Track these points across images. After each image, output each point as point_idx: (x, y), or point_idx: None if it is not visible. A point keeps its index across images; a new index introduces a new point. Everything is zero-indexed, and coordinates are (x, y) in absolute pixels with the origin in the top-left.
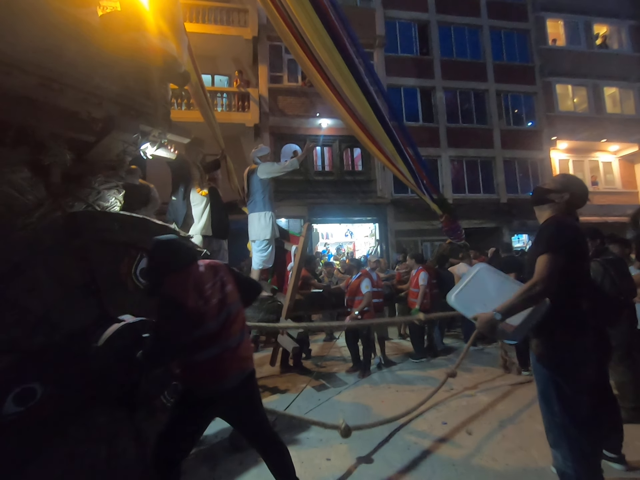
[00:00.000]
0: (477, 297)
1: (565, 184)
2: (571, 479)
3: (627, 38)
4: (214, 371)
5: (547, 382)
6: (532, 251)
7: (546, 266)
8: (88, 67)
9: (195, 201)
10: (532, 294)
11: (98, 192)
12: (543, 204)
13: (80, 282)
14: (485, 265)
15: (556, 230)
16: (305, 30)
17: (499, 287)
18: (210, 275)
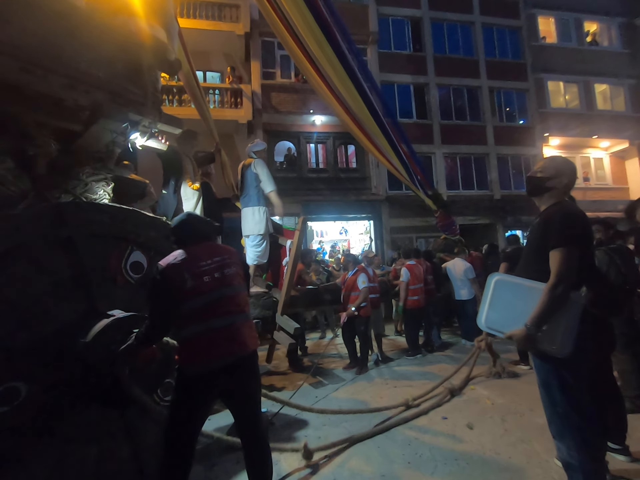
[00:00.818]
0: (506, 313)
1: (558, 168)
2: (576, 470)
3: (617, 35)
4: (204, 349)
5: (548, 372)
6: (537, 243)
7: (564, 262)
8: (74, 51)
9: (186, 195)
10: (556, 295)
11: (86, 184)
12: (543, 194)
13: (67, 275)
14: (500, 275)
15: (567, 221)
16: (298, 26)
17: (523, 295)
18: (211, 254)
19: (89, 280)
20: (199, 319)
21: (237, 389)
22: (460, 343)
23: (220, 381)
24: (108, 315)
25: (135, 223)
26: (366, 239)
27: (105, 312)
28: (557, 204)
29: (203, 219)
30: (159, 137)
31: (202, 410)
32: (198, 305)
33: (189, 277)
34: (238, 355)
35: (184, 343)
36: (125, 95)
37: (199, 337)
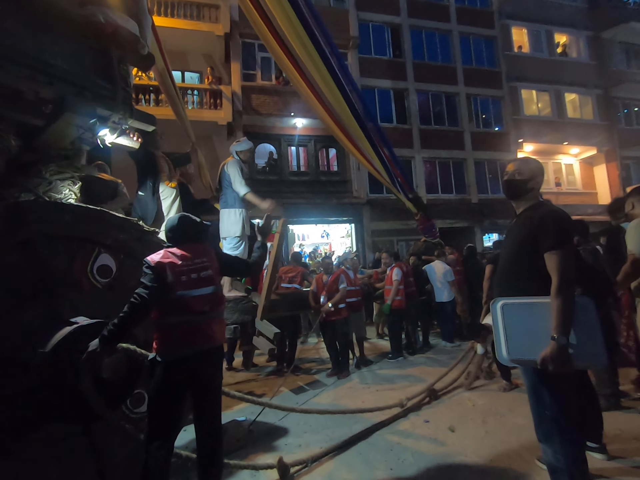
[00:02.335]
0: (527, 338)
1: (533, 169)
2: (563, 473)
3: (584, 48)
4: (181, 336)
5: (536, 375)
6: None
7: (565, 262)
8: (35, 41)
9: (164, 194)
10: (566, 296)
11: (50, 183)
12: (523, 196)
13: (25, 279)
14: (503, 300)
15: (560, 221)
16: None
17: (536, 313)
18: (192, 257)
19: (50, 284)
20: (175, 310)
21: (204, 376)
22: (441, 345)
23: (193, 367)
24: (71, 322)
25: (102, 224)
26: (347, 242)
27: (68, 319)
28: (541, 205)
29: (194, 220)
30: (131, 134)
31: (181, 394)
32: (174, 300)
33: (170, 274)
34: (211, 345)
35: (160, 332)
36: (92, 89)
37: (177, 326)
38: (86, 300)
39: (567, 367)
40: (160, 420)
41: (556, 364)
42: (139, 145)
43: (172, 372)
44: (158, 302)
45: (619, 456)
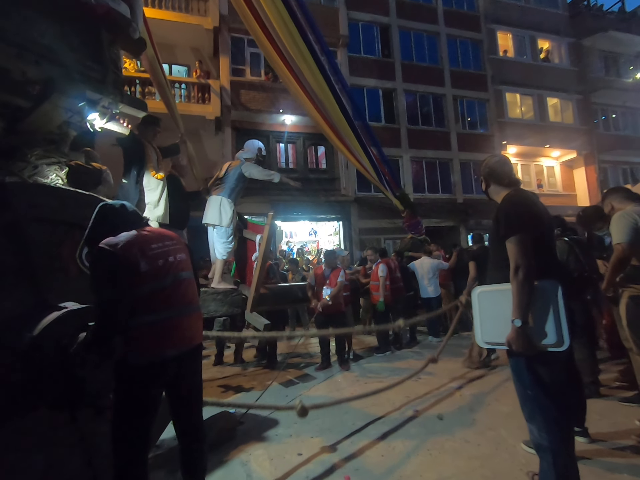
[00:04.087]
0: (496, 323)
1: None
2: (546, 450)
3: (565, 54)
4: (157, 337)
5: (516, 357)
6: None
7: (516, 250)
8: (22, 19)
9: (149, 185)
10: (519, 281)
11: (35, 167)
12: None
13: (10, 264)
14: (481, 288)
15: (509, 212)
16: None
17: (503, 299)
18: (160, 237)
19: (36, 269)
20: (154, 305)
21: (184, 379)
22: (427, 340)
23: (170, 371)
24: (59, 307)
25: (91, 209)
26: (335, 240)
27: (56, 304)
28: (505, 196)
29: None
30: (121, 120)
31: (155, 403)
32: (153, 290)
33: (143, 261)
34: (190, 345)
35: (136, 331)
36: (82, 70)
37: (153, 325)
38: (74, 286)
39: (528, 349)
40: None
41: (517, 346)
42: (128, 131)
43: (148, 378)
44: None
45: (600, 439)
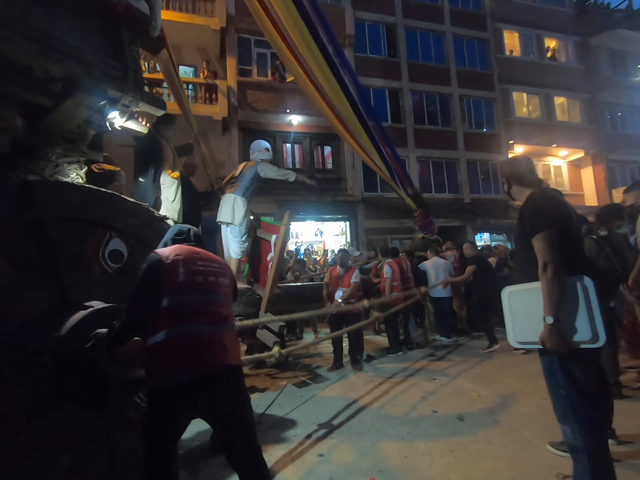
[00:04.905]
0: (528, 322)
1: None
2: (582, 452)
3: (573, 52)
4: (184, 353)
5: (549, 356)
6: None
7: (543, 247)
8: (46, 15)
9: (165, 183)
10: (548, 277)
11: (56, 166)
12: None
13: (36, 262)
14: (510, 287)
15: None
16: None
17: (534, 297)
18: (208, 259)
19: (61, 268)
20: (179, 320)
21: (224, 405)
22: (437, 340)
23: (200, 393)
24: (85, 306)
25: (114, 208)
26: (342, 240)
27: (81, 303)
28: (529, 195)
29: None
30: (139, 118)
31: (179, 428)
32: (184, 302)
33: (183, 271)
34: (219, 365)
35: (159, 346)
36: (103, 68)
37: (176, 343)
38: (97, 286)
39: (562, 346)
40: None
41: (550, 344)
42: (147, 130)
43: (175, 402)
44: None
45: (627, 441)
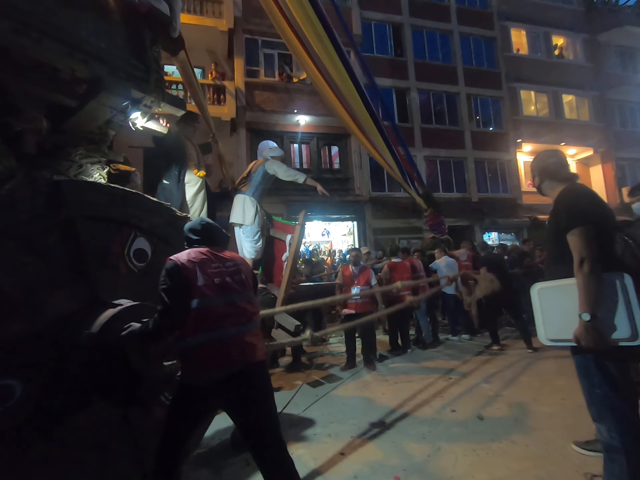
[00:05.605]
0: (561, 319)
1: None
2: (618, 451)
3: (581, 50)
4: (210, 357)
5: (585, 354)
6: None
7: (579, 242)
8: (73, 18)
9: (190, 182)
10: (585, 273)
11: (80, 166)
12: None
13: (65, 261)
14: (540, 284)
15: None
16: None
17: (568, 294)
18: (223, 259)
19: (90, 266)
20: (204, 324)
21: (246, 401)
22: (450, 338)
23: (226, 391)
24: (114, 304)
25: (138, 207)
26: (349, 240)
27: (109, 301)
28: (561, 190)
29: (217, 227)
30: (160, 119)
31: (197, 422)
32: (204, 307)
33: (201, 275)
34: (245, 363)
35: (187, 352)
36: (127, 69)
37: (204, 346)
38: (123, 284)
39: (599, 343)
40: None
41: (586, 341)
42: (167, 130)
43: (198, 397)
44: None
45: None
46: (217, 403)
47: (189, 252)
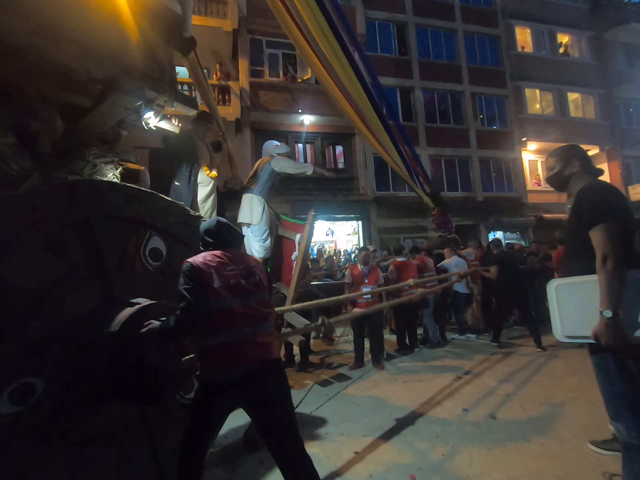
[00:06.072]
0: (579, 316)
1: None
2: (637, 450)
3: (586, 47)
4: (226, 357)
5: (604, 352)
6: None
7: (603, 238)
8: (87, 18)
9: (203, 182)
10: (608, 270)
11: (94, 166)
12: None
13: (83, 260)
14: (558, 280)
15: (596, 198)
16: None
17: (587, 291)
18: (238, 261)
19: (107, 265)
20: (221, 325)
21: (261, 397)
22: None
23: (242, 390)
24: (132, 303)
25: (153, 207)
26: (354, 240)
27: (127, 300)
28: (585, 185)
29: (232, 227)
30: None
31: (218, 419)
32: (220, 308)
33: (217, 278)
34: (261, 362)
35: (205, 352)
36: (140, 69)
37: (221, 346)
38: (139, 283)
39: (620, 341)
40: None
41: (607, 339)
42: (179, 130)
43: (217, 395)
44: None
45: None
46: (236, 401)
47: (205, 255)
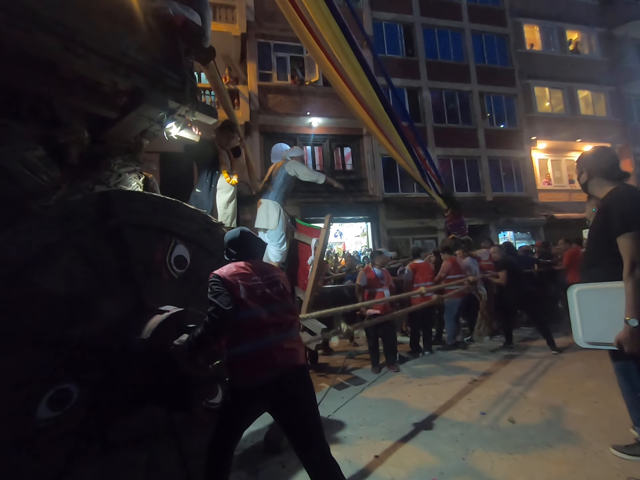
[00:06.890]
0: (602, 322)
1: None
2: None
3: (596, 44)
4: (254, 364)
5: (625, 358)
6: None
7: (633, 246)
8: (114, 32)
9: (223, 188)
10: (637, 278)
11: (119, 175)
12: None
13: (114, 268)
14: (579, 286)
15: (625, 205)
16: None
17: (611, 297)
18: (261, 271)
19: (136, 273)
20: (249, 334)
21: (289, 401)
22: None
23: (270, 395)
24: (161, 310)
25: (178, 215)
26: (363, 241)
27: (155, 307)
28: (612, 190)
29: (255, 237)
30: (193, 127)
31: (246, 423)
32: (248, 318)
33: (243, 289)
34: (289, 367)
35: (236, 359)
36: (164, 80)
37: (250, 354)
38: (165, 290)
39: None
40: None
41: (631, 346)
42: (199, 138)
43: (247, 400)
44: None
45: None
46: (264, 405)
47: (230, 267)
